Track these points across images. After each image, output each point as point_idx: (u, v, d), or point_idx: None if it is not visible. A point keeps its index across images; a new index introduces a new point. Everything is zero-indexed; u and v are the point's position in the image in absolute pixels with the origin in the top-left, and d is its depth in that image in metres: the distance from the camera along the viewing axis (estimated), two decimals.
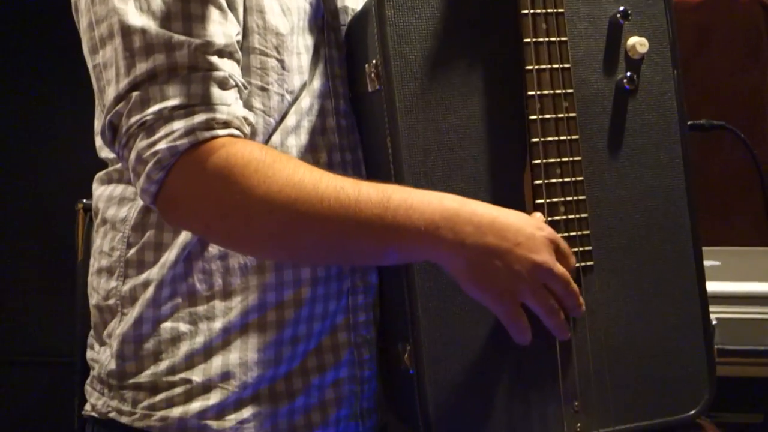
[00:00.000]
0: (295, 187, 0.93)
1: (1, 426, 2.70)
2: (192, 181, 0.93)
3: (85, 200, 1.29)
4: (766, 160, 1.96)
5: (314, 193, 0.93)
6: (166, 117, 0.92)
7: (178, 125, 0.92)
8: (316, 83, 1.07)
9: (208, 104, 0.93)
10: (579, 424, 1.06)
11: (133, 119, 0.93)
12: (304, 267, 1.05)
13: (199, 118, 0.93)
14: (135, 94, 0.93)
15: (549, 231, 0.98)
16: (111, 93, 0.95)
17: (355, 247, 0.97)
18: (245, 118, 0.97)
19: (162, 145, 0.92)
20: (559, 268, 0.97)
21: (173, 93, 0.93)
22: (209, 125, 0.93)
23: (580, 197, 1.04)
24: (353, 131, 1.11)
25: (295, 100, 1.05)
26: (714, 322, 1.15)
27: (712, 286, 1.39)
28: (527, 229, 0.96)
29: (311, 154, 1.06)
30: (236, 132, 0.95)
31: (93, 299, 1.10)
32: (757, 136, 1.98)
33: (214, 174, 0.92)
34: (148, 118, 0.93)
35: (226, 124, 0.94)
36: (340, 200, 0.93)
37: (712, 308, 1.15)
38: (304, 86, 1.06)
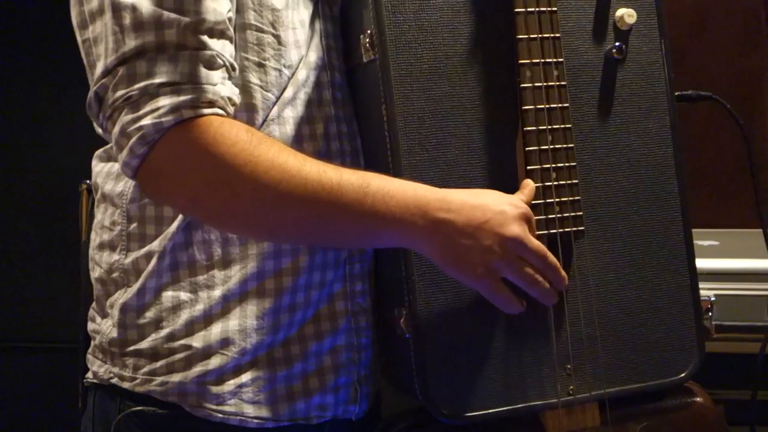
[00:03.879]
0: (280, 168, 0.95)
1: (5, 412, 2.71)
2: (179, 156, 0.95)
3: (88, 181, 1.30)
4: (764, 143, 1.98)
5: (298, 175, 0.95)
6: (152, 93, 0.94)
7: (164, 102, 0.94)
8: (312, 56, 1.09)
9: (194, 83, 0.95)
10: (571, 387, 1.08)
11: (119, 93, 0.95)
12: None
13: (185, 96, 0.94)
14: (122, 68, 0.95)
15: (521, 206, 1.01)
16: (100, 67, 0.97)
17: (334, 230, 0.99)
18: (230, 98, 0.98)
19: (147, 121, 0.94)
20: (533, 241, 1.00)
21: (160, 70, 0.94)
22: (195, 104, 0.94)
23: (571, 163, 1.06)
24: (349, 103, 1.13)
25: (293, 74, 1.07)
26: (712, 298, 1.17)
27: (710, 264, 1.42)
28: (497, 206, 0.99)
29: (308, 125, 1.08)
30: (220, 111, 0.97)
31: (95, 273, 1.12)
32: (755, 120, 1.99)
33: (202, 151, 0.94)
34: (133, 93, 0.94)
35: (211, 104, 0.96)
36: (322, 183, 0.96)
37: (709, 285, 1.17)
38: (301, 60, 1.08)
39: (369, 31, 1.05)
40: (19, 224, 2.74)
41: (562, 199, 1.06)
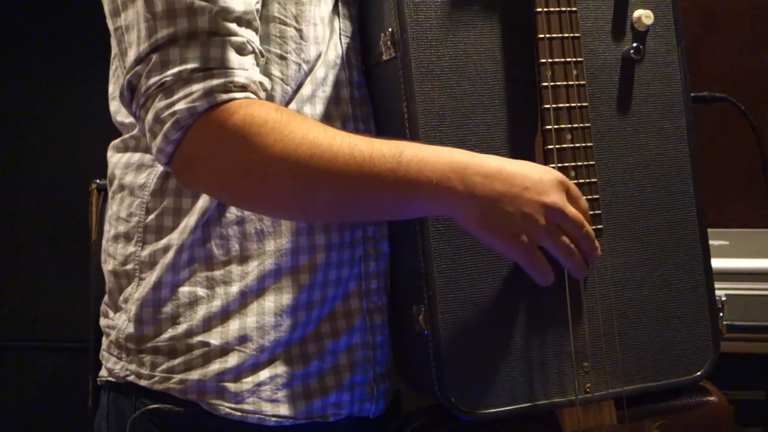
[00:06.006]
0: (311, 144, 0.95)
1: (14, 410, 2.70)
2: (210, 140, 0.95)
3: (98, 180, 1.30)
4: None
5: (329, 150, 0.95)
6: (185, 79, 0.94)
7: (197, 87, 0.94)
8: (331, 54, 1.10)
9: (226, 68, 0.95)
10: (588, 384, 1.09)
11: (153, 80, 0.95)
12: (318, 231, 1.07)
13: (218, 80, 0.95)
14: (155, 56, 0.95)
15: (558, 174, 1.01)
16: (132, 55, 0.97)
17: (369, 202, 0.99)
18: (261, 83, 0.99)
19: (181, 106, 0.94)
20: (571, 209, 1.00)
21: (193, 56, 0.94)
22: (227, 88, 0.95)
23: (590, 162, 1.07)
24: (366, 102, 1.14)
25: (310, 70, 1.08)
26: (723, 298, 1.18)
27: (721, 263, 1.43)
28: (535, 174, 0.99)
29: (326, 123, 1.08)
30: (252, 96, 0.97)
31: (109, 265, 1.11)
32: (766, 120, 1.99)
33: (232, 133, 0.94)
34: (167, 79, 0.95)
35: (244, 88, 0.96)
36: (354, 156, 0.96)
37: (720, 284, 1.18)
38: (319, 57, 1.08)
39: (390, 29, 1.05)
40: (29, 223, 2.74)
41: None
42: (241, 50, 0.97)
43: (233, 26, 0.97)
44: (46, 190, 2.70)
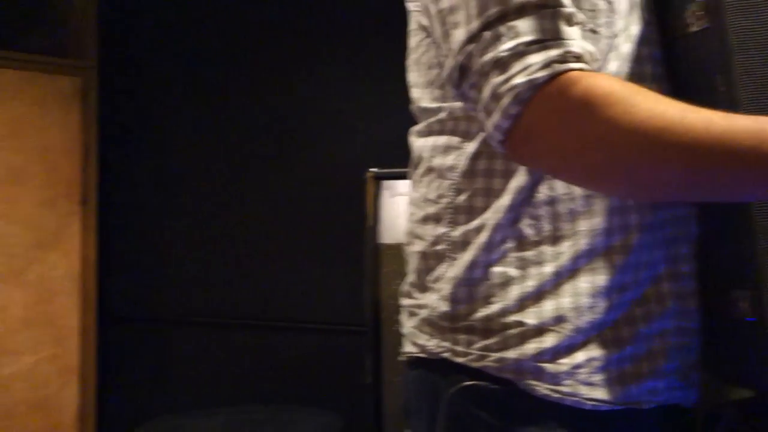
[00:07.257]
0: (660, 117, 0.91)
1: (290, 391, 2.90)
2: (551, 113, 0.94)
3: (375, 169, 1.34)
4: None
5: (680, 123, 0.90)
6: (521, 52, 0.94)
7: (535, 59, 0.94)
8: (633, 29, 1.07)
9: (560, 39, 0.94)
10: None
11: (487, 57, 0.96)
12: (632, 210, 1.04)
13: (555, 51, 0.94)
14: (487, 33, 0.96)
15: None
16: (460, 35, 0.99)
17: (723, 180, 0.92)
18: (592, 53, 0.97)
19: (519, 79, 0.94)
20: None
21: (525, 29, 0.94)
22: (565, 58, 0.94)
23: None
24: (665, 79, 1.09)
25: (616, 44, 1.05)
26: None
27: None
28: None
29: None
30: (587, 66, 0.95)
31: (416, 246, 1.14)
32: None
33: (575, 106, 0.92)
34: (502, 54, 0.95)
35: (579, 58, 0.94)
36: (709, 131, 0.90)
37: None
38: (623, 31, 1.06)
39: (701, 0, 1.00)
40: (305, 210, 2.94)
41: None
42: (569, 21, 0.96)
43: None
44: (322, 178, 2.88)
